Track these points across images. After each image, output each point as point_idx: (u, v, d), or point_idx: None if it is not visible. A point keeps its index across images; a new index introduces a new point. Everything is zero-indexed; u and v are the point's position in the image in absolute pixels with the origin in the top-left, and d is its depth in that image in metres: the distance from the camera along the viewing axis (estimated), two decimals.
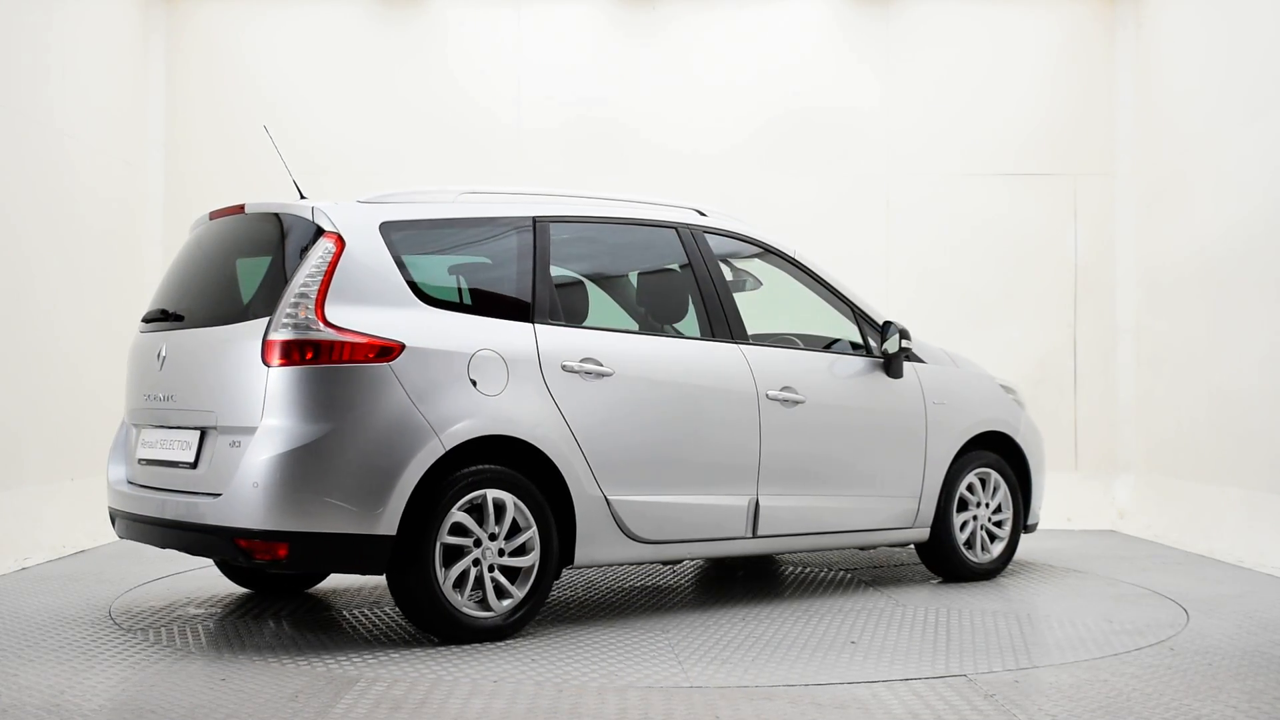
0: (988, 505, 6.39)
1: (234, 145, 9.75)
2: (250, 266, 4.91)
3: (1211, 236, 8.45)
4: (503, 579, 4.79)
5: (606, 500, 5.04)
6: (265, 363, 4.53)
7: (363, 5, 9.81)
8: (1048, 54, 9.76)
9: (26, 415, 7.80)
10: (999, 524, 6.45)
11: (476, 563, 4.73)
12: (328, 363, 4.50)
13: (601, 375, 5.06)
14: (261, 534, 4.45)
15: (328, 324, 4.53)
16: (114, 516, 5.29)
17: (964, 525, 6.30)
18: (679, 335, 5.62)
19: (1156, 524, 8.43)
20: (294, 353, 4.51)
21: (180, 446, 4.89)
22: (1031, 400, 7.72)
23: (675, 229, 5.67)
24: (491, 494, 4.75)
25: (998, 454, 6.45)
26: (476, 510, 4.74)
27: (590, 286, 5.63)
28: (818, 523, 5.75)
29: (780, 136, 9.74)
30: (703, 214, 5.90)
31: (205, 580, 6.25)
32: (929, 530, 6.16)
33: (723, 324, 5.58)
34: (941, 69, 9.78)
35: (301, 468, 4.44)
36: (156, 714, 3.81)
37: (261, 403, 4.52)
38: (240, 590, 5.93)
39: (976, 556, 6.34)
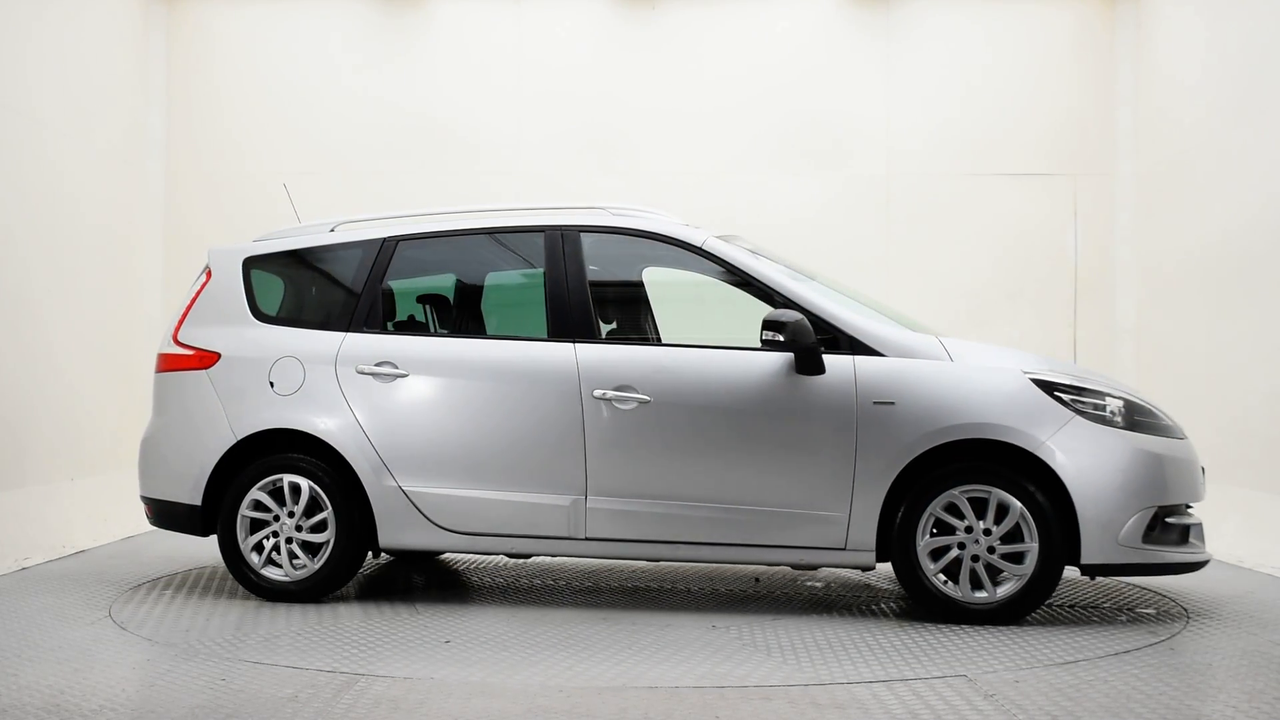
0: (988, 531, 5.12)
1: (234, 145, 9.75)
2: None
3: (1211, 236, 8.45)
4: (299, 551, 5.63)
5: (403, 491, 5.54)
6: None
7: (363, 5, 9.82)
8: (1047, 54, 9.77)
9: (26, 415, 7.80)
10: (1014, 557, 5.13)
11: (276, 534, 5.64)
12: (171, 370, 5.90)
13: (396, 376, 5.62)
14: (143, 499, 5.96)
15: (177, 341, 5.93)
16: None
17: (942, 553, 5.18)
18: (514, 337, 5.61)
19: None
20: (158, 363, 5.99)
21: None
22: None
23: (544, 232, 5.70)
24: (288, 478, 5.64)
25: (1018, 470, 5.15)
26: (279, 491, 5.65)
27: (424, 296, 6.12)
28: (676, 532, 5.33)
29: (780, 136, 9.75)
30: (615, 213, 5.80)
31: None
32: (873, 555, 5.21)
33: (565, 324, 5.53)
34: (942, 69, 9.78)
35: (148, 450, 5.93)
36: (156, 714, 3.82)
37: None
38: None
39: (963, 593, 5.15)
